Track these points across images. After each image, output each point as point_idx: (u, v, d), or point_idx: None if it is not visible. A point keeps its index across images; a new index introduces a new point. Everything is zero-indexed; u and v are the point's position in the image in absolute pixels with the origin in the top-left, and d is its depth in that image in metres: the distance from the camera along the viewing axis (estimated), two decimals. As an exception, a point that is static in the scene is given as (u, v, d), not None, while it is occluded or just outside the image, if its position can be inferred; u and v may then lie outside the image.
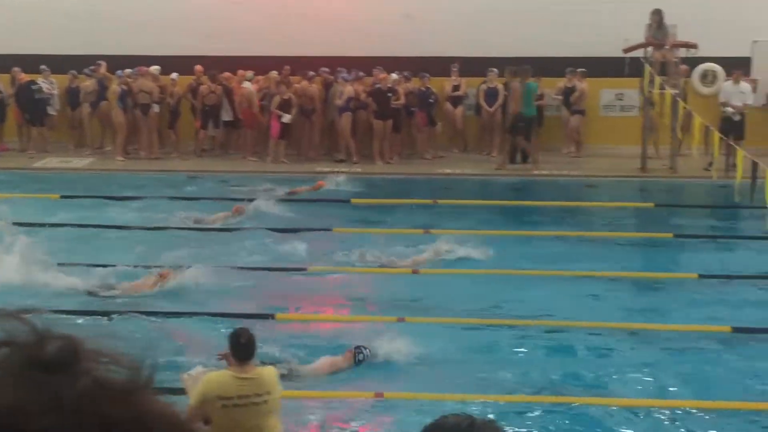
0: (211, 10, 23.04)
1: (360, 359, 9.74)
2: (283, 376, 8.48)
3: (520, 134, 20.48)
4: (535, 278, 12.92)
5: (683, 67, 21.00)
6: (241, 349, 6.77)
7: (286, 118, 21.09)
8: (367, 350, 9.81)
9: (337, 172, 20.27)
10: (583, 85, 21.80)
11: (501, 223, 16.17)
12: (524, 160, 21.18)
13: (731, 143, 15.29)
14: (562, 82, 21.95)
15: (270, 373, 6.90)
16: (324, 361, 9.72)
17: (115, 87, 21.74)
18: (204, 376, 6.87)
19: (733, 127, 19.53)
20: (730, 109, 19.22)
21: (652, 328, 11.35)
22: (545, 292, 12.41)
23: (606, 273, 13.25)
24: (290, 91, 21.59)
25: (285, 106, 21.19)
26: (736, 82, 20.22)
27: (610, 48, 20.76)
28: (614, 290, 12.70)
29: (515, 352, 10.51)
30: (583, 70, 21.66)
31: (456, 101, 22.44)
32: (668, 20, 20.31)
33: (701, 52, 20.13)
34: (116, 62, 22.02)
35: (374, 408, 9.02)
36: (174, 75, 22.14)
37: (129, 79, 21.83)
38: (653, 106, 20.02)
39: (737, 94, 20.05)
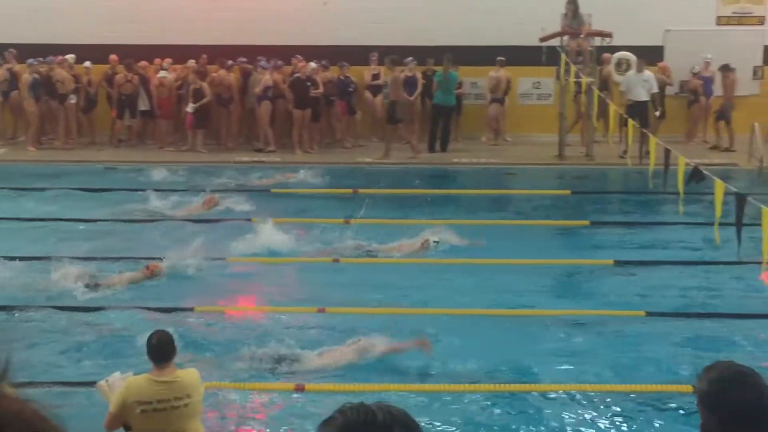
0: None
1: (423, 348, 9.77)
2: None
3: (398, 123, 20.55)
4: (456, 267, 13.00)
5: (606, 55, 21.33)
6: (154, 350, 6.59)
7: (190, 107, 20.96)
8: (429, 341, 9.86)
9: (257, 161, 20.20)
10: (500, 74, 21.97)
11: (421, 212, 16.21)
12: (443, 148, 21.30)
13: (645, 131, 15.58)
14: (492, 71, 22.02)
15: (191, 375, 6.72)
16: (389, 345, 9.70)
17: (26, 76, 21.29)
18: (122, 382, 6.73)
19: (637, 114, 19.91)
20: None
21: (570, 314, 11.49)
22: (467, 280, 12.50)
23: (524, 261, 13.38)
24: (207, 81, 21.43)
25: (196, 95, 21.03)
26: (640, 71, 20.53)
27: (528, 37, 20.97)
28: (532, 277, 12.83)
29: (437, 341, 10.56)
30: (502, 59, 21.82)
31: (375, 90, 22.45)
32: (583, 9, 20.58)
33: (616, 41, 20.44)
34: (28, 51, 21.57)
35: (296, 400, 8.98)
36: (87, 63, 21.75)
37: (41, 68, 21.40)
38: (581, 95, 20.26)
39: (641, 83, 20.38)
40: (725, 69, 21.65)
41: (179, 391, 6.53)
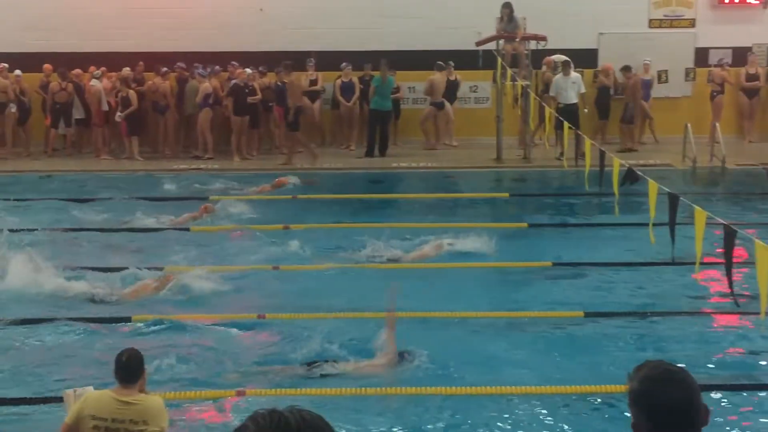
0: (59, 4, 22.40)
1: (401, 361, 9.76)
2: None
3: (298, 129, 20.56)
4: (396, 270, 13.03)
5: (548, 58, 21.57)
6: (121, 368, 6.37)
7: (118, 116, 20.84)
8: (409, 356, 9.84)
9: (195, 169, 20.09)
10: (436, 78, 22.07)
11: (362, 216, 16.23)
12: (382, 152, 21.34)
13: (580, 133, 15.75)
14: (442, 76, 22.05)
15: (153, 402, 6.40)
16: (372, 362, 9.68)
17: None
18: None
19: (568, 117, 20.16)
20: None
21: (509, 316, 11.57)
22: (406, 283, 12.52)
23: (462, 264, 13.46)
24: (145, 88, 21.32)
25: (124, 103, 20.90)
26: (567, 74, 20.77)
27: (464, 41, 21.11)
28: (472, 280, 12.92)
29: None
30: (441, 63, 21.92)
31: (313, 95, 22.42)
32: (518, 13, 20.77)
33: (550, 44, 20.65)
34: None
35: (237, 406, 8.94)
36: (18, 72, 21.42)
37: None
38: (524, 98, 20.41)
39: (569, 85, 20.64)
40: (626, 70, 21.98)
41: (137, 415, 6.26)
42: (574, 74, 20.93)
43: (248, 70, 21.17)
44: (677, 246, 10.86)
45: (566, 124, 14.52)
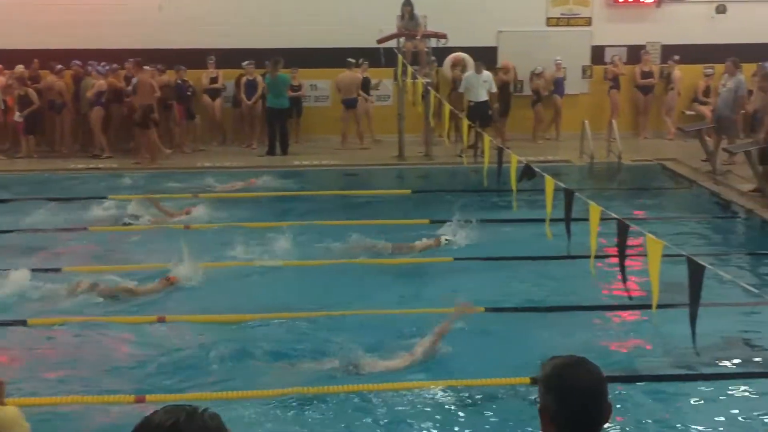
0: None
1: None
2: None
3: (149, 128, 20.41)
4: (299, 268, 12.99)
5: (458, 55, 21.73)
6: None
7: (17, 116, 20.38)
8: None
9: (94, 168, 19.74)
10: (345, 75, 22.05)
11: (265, 215, 16.15)
12: (283, 151, 21.26)
13: (479, 130, 15.92)
14: (352, 73, 21.99)
15: (7, 414, 6.03)
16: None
17: None
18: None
19: (477, 114, 20.44)
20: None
21: (412, 312, 11.62)
22: (310, 281, 12.51)
23: (366, 261, 13.49)
24: (42, 86, 20.85)
25: (22, 102, 20.42)
26: (479, 72, 21.03)
27: (366, 39, 21.15)
28: (375, 277, 12.94)
29: (278, 343, 10.53)
30: (351, 60, 21.88)
31: (214, 93, 22.22)
32: (418, 11, 20.90)
33: (451, 42, 20.83)
34: None
35: (135, 411, 8.80)
36: None
37: None
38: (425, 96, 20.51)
39: (480, 83, 20.91)
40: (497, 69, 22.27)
41: None
42: (486, 72, 21.17)
43: (146, 68, 20.85)
44: (575, 241, 11.08)
45: (465, 121, 14.64)
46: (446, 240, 13.99)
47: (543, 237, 12.04)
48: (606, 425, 3.17)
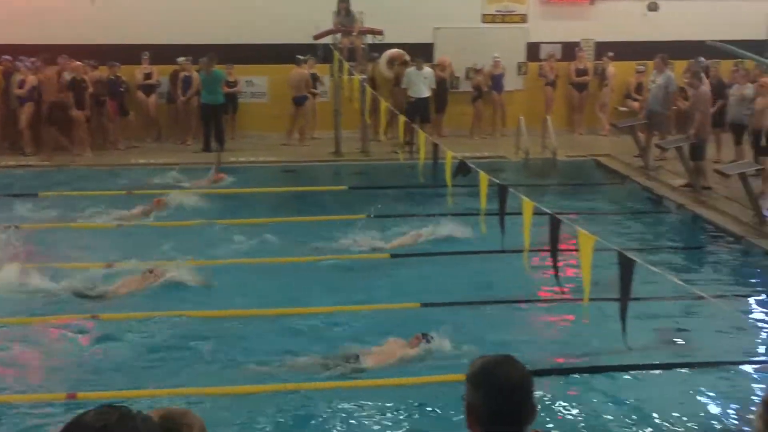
0: None
1: (426, 347, 9.89)
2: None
3: (56, 125, 20.21)
4: (229, 267, 12.92)
5: (399, 52, 21.74)
6: None
7: None
8: (432, 337, 9.96)
9: (24, 165, 19.44)
10: (293, 72, 21.88)
11: (198, 213, 16.02)
12: (220, 147, 21.11)
13: (415, 126, 15.97)
14: (301, 70, 21.84)
15: None
16: (391, 348, 9.73)
17: None
18: None
19: (418, 111, 20.52)
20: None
21: (350, 309, 11.63)
22: (242, 279, 12.46)
23: (303, 258, 13.46)
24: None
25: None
26: (420, 68, 21.11)
27: (302, 34, 21.08)
28: (311, 273, 12.91)
29: (210, 342, 10.47)
30: (300, 57, 21.71)
31: (148, 89, 21.99)
32: (355, 7, 20.89)
33: (387, 39, 20.85)
34: None
35: (67, 410, 8.68)
36: None
37: None
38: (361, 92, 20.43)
39: (421, 79, 21.00)
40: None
41: None
42: (427, 69, 21.24)
43: (77, 63, 20.55)
44: (509, 235, 11.15)
45: (401, 118, 14.67)
46: (430, 234, 14.02)
47: (478, 231, 12.12)
48: (530, 425, 3.18)
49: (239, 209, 16.23)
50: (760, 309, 12.07)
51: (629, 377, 9.67)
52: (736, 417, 8.79)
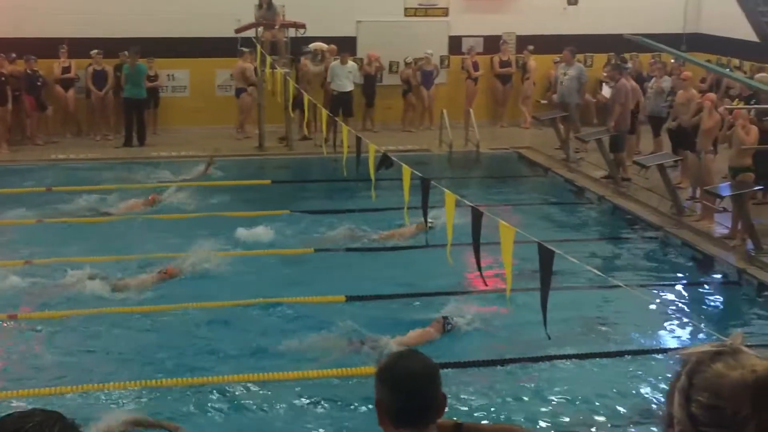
0: None
1: (448, 329, 10.40)
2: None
3: None
4: (146, 261, 12.85)
5: (331, 47, 21.64)
6: None
7: None
8: (454, 320, 10.43)
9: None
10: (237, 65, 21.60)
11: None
12: (140, 142, 20.84)
13: (338, 120, 15.95)
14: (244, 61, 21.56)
15: None
16: (414, 334, 10.14)
17: None
18: None
19: (341, 105, 20.50)
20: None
21: (273, 302, 11.61)
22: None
23: (232, 252, 13.41)
24: None
25: None
26: (344, 62, 21.08)
27: (224, 28, 20.89)
28: (235, 268, 12.86)
29: (104, 339, 10.42)
30: (243, 49, 21.36)
31: (67, 84, 21.59)
32: (277, 1, 20.77)
33: (310, 32, 20.75)
34: None
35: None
36: None
37: None
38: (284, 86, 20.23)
39: (345, 73, 20.97)
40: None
41: None
42: (351, 63, 21.19)
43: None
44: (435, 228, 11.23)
45: (324, 112, 14.64)
46: (431, 224, 13.93)
47: (402, 225, 12.18)
48: (442, 416, 3.20)
49: (164, 205, 16.03)
50: (678, 298, 12.34)
51: (548, 367, 9.81)
52: (653, 404, 8.97)
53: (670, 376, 1.87)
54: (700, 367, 1.80)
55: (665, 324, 11.23)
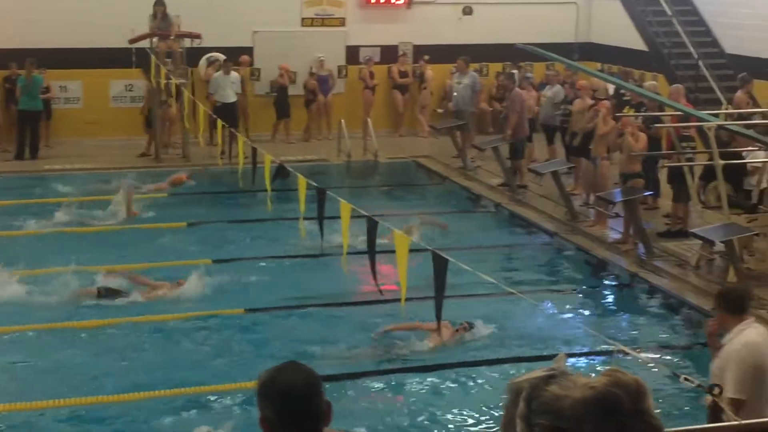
0: None
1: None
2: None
3: None
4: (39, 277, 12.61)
5: (244, 57, 21.45)
6: None
7: None
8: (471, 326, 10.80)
9: None
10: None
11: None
12: (33, 155, 20.37)
13: (234, 131, 15.86)
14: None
15: None
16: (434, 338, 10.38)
17: None
18: None
19: (225, 116, 20.36)
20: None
21: (169, 319, 11.49)
22: (52, 288, 12.20)
23: (122, 266, 13.20)
24: None
25: None
26: (227, 72, 20.90)
27: (118, 39, 20.59)
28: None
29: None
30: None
31: (-44, 96, 21.01)
32: (171, 11, 20.54)
33: (206, 42, 20.57)
34: None
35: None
36: None
37: None
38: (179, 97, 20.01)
39: (229, 84, 20.79)
40: None
41: None
42: (234, 74, 21.06)
43: None
44: (329, 238, 11.24)
45: (220, 122, 14.55)
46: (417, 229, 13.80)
47: (297, 234, 12.16)
48: (329, 423, 3.18)
49: (37, 218, 15.67)
50: (571, 302, 12.57)
51: (440, 376, 9.90)
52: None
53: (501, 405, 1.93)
54: (536, 392, 1.85)
55: (559, 329, 11.42)
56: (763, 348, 6.18)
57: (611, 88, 19.03)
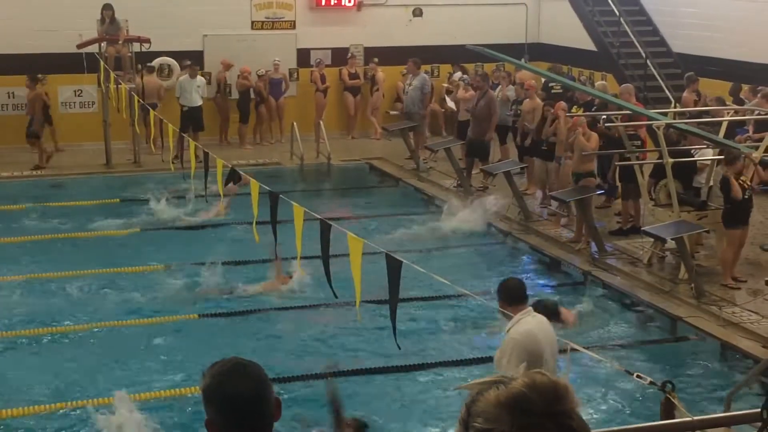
0: None
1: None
2: None
3: None
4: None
5: (187, 62, 21.29)
6: None
7: None
8: None
9: None
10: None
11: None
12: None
13: (185, 135, 15.76)
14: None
15: None
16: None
17: None
18: None
19: (191, 120, 20.31)
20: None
21: (126, 325, 11.42)
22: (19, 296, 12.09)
23: (78, 272, 13.14)
24: None
25: None
26: (193, 76, 20.86)
27: (66, 44, 20.39)
28: (86, 288, 12.63)
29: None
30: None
31: None
32: (120, 15, 20.38)
33: (155, 47, 20.42)
34: None
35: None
36: None
37: None
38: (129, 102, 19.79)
39: (194, 88, 20.76)
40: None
41: None
42: (200, 78, 20.98)
43: None
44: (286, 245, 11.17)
45: (171, 126, 14.45)
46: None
47: (251, 240, 12.11)
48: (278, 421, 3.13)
49: (5, 229, 15.52)
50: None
51: (396, 378, 9.92)
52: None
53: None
54: (477, 397, 1.87)
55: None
56: (539, 336, 6.76)
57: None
